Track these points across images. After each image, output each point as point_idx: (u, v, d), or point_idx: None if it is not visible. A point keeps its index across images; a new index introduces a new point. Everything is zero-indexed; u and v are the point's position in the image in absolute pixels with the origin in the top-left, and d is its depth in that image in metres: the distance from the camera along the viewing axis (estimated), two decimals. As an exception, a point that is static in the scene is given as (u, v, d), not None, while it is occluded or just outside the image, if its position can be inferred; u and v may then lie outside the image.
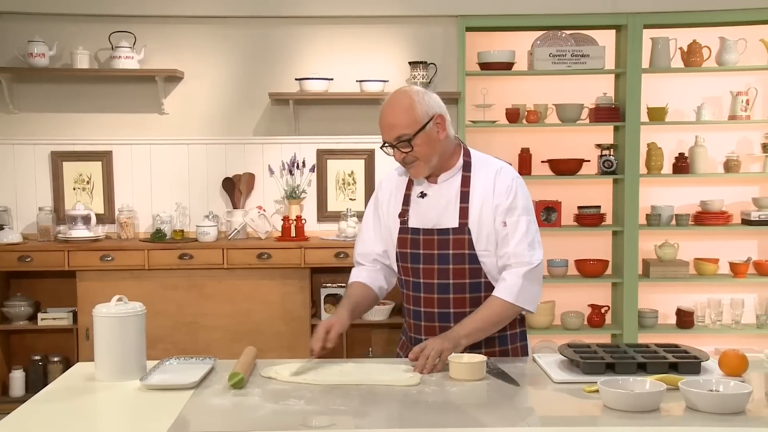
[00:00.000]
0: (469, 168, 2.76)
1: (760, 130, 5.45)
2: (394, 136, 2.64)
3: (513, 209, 2.70)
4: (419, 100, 2.65)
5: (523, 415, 2.15)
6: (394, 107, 2.65)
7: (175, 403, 2.20)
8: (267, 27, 5.26)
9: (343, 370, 2.51)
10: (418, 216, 2.77)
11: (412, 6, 5.22)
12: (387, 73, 5.24)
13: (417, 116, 2.63)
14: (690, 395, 2.10)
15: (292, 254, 4.98)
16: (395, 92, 2.71)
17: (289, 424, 2.05)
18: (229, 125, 5.30)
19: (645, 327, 5.34)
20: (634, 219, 5.27)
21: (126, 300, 2.49)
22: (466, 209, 2.70)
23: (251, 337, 4.95)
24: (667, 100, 5.35)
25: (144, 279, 4.97)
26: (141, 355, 2.46)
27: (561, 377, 2.38)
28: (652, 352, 2.50)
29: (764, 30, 5.33)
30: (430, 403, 2.21)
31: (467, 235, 2.69)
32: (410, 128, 2.62)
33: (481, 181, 2.72)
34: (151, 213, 5.28)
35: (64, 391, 2.36)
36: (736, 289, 5.47)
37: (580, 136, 5.45)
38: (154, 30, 5.24)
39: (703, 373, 2.38)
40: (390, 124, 2.65)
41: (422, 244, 2.74)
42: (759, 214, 5.31)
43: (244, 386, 2.35)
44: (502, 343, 2.79)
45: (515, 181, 2.75)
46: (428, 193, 2.77)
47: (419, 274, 2.75)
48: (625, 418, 2.07)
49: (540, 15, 5.23)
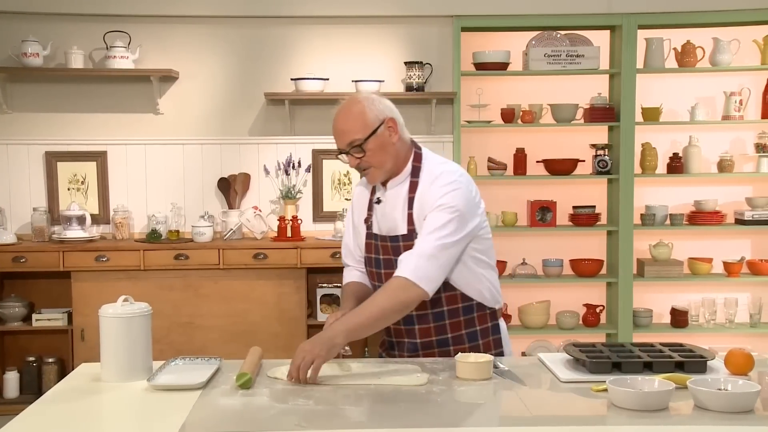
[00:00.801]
0: (418, 173, 2.71)
1: (753, 130, 5.49)
2: (346, 142, 2.63)
3: (437, 207, 2.61)
4: (369, 105, 2.64)
5: (532, 414, 2.15)
6: (345, 113, 2.65)
7: (182, 404, 2.20)
8: (262, 27, 5.25)
9: (349, 371, 2.51)
10: (377, 222, 2.79)
11: (407, 6, 5.22)
12: (383, 73, 5.24)
13: (368, 121, 2.62)
14: (699, 394, 2.11)
15: (288, 254, 4.98)
16: (346, 100, 2.70)
17: (299, 424, 2.05)
18: (224, 125, 5.29)
19: (639, 326, 5.36)
20: (629, 219, 5.29)
21: (132, 300, 2.48)
22: (412, 216, 2.69)
23: (247, 337, 4.95)
24: (661, 100, 5.38)
25: (139, 279, 4.95)
26: (147, 356, 2.46)
27: (568, 376, 2.39)
28: (657, 351, 2.51)
29: (757, 31, 5.36)
30: (439, 403, 2.21)
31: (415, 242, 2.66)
32: (361, 133, 2.61)
33: (425, 185, 2.68)
34: (146, 213, 5.26)
35: (70, 392, 2.35)
36: (730, 288, 5.51)
37: (574, 136, 5.47)
38: (149, 30, 5.22)
39: (709, 372, 2.39)
40: (341, 130, 2.64)
41: (381, 249, 2.76)
42: (752, 214, 5.34)
43: (251, 386, 2.35)
44: (471, 339, 2.78)
45: (451, 185, 2.64)
46: (382, 199, 2.77)
47: (383, 278, 2.75)
48: (634, 417, 2.07)
49: (535, 15, 5.24)
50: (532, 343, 5.40)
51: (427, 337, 2.77)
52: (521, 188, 5.49)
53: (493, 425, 2.08)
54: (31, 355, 5.12)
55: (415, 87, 5.16)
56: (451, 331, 2.76)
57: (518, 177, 5.35)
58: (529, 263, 5.42)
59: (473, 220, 2.67)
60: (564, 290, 5.55)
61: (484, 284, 2.78)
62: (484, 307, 2.80)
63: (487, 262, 2.79)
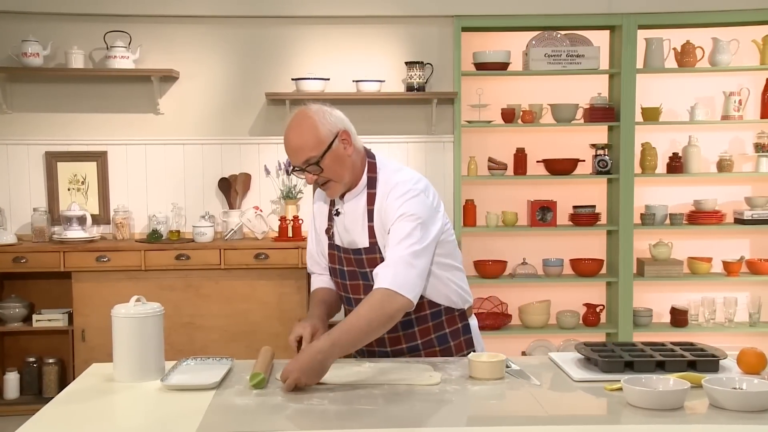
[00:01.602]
0: (374, 184, 2.65)
1: (752, 130, 5.51)
2: (302, 160, 2.55)
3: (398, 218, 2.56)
4: (320, 119, 2.56)
5: (549, 413, 2.16)
6: (297, 130, 2.56)
7: (197, 404, 2.20)
8: (263, 27, 5.25)
9: (360, 370, 2.51)
10: (338, 233, 2.74)
11: (408, 6, 5.23)
12: (383, 74, 5.25)
13: (321, 136, 2.54)
14: (714, 393, 2.12)
15: (289, 254, 4.98)
16: (295, 115, 2.60)
17: (316, 424, 2.06)
18: (224, 125, 5.29)
19: (639, 326, 5.37)
20: (629, 218, 5.31)
21: (144, 300, 2.48)
22: (373, 228, 2.64)
23: (248, 337, 4.95)
24: (660, 100, 5.39)
25: (140, 280, 4.94)
26: (160, 356, 2.46)
27: (581, 376, 2.39)
28: (669, 350, 2.52)
29: (756, 31, 5.39)
30: (454, 403, 2.22)
31: (378, 254, 2.63)
32: (316, 150, 2.54)
33: (381, 198, 2.63)
34: (147, 213, 5.25)
35: (85, 392, 2.35)
36: (730, 287, 5.53)
37: (575, 136, 5.48)
38: (150, 30, 5.21)
39: (721, 371, 2.40)
40: (296, 148, 2.56)
41: (344, 261, 2.72)
42: (752, 214, 5.37)
43: (265, 386, 2.35)
44: (441, 342, 2.77)
45: (407, 194, 2.58)
46: (341, 211, 2.71)
47: (348, 289, 2.74)
48: (649, 416, 2.08)
49: (535, 15, 5.26)
50: (532, 343, 5.41)
51: (397, 345, 2.75)
52: (521, 188, 5.50)
53: (511, 425, 2.07)
54: (31, 356, 5.11)
55: (415, 87, 5.16)
56: (421, 337, 2.75)
57: (518, 177, 5.36)
58: (529, 263, 5.43)
59: (435, 225, 2.63)
60: (564, 290, 5.56)
61: (451, 288, 2.76)
62: (453, 309, 2.78)
63: (452, 265, 2.75)
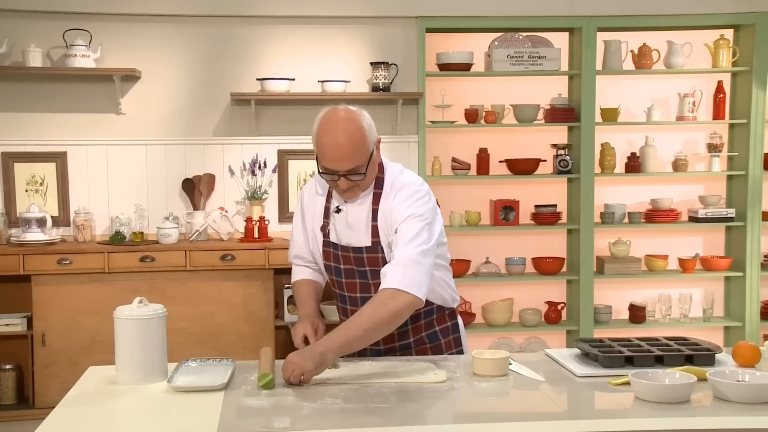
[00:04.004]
0: (381, 184, 2.67)
1: (705, 130, 5.67)
2: (347, 168, 2.53)
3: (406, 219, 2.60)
4: (367, 128, 2.56)
5: (561, 408, 2.20)
6: (348, 138, 2.50)
7: (206, 405, 2.19)
8: (227, 26, 5.20)
9: (365, 369, 2.51)
10: (336, 231, 2.73)
11: (372, 7, 5.24)
12: (348, 74, 5.25)
13: (368, 146, 2.55)
14: (720, 386, 2.19)
15: (255, 255, 4.95)
16: (342, 119, 2.53)
17: (337, 422, 2.07)
18: (188, 125, 5.23)
19: (600, 323, 5.49)
20: (590, 217, 5.42)
21: (146, 302, 2.44)
22: (377, 228, 2.65)
23: (214, 339, 4.91)
24: (619, 101, 5.52)
25: (104, 282, 4.85)
26: (163, 358, 2.44)
27: (584, 371, 2.44)
28: (664, 344, 2.59)
29: (708, 35, 5.55)
30: (465, 400, 2.25)
31: (380, 254, 2.65)
32: (363, 159, 2.54)
33: (388, 199, 2.65)
34: (109, 215, 5.16)
35: (90, 396, 2.31)
36: (685, 284, 5.68)
37: (536, 136, 5.57)
38: (111, 28, 5.12)
39: (717, 365, 2.47)
40: (346, 156, 2.51)
41: (342, 259, 2.71)
42: (705, 212, 5.53)
43: (273, 387, 2.34)
44: (432, 340, 2.81)
45: (415, 195, 2.64)
46: (343, 209, 2.70)
47: (344, 287, 2.75)
48: (657, 410, 2.14)
49: (497, 17, 5.32)
50: (495, 341, 5.48)
51: (390, 343, 2.77)
52: (484, 188, 5.57)
53: (529, 420, 2.10)
54: (-12, 362, 4.98)
55: (381, 87, 5.18)
56: (413, 335, 2.78)
57: (482, 177, 5.42)
58: (492, 262, 5.50)
59: (437, 226, 2.69)
60: (527, 288, 5.65)
61: (443, 287, 2.81)
62: (444, 308, 2.83)
63: (444, 265, 2.81)
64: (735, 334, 5.57)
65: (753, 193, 5.52)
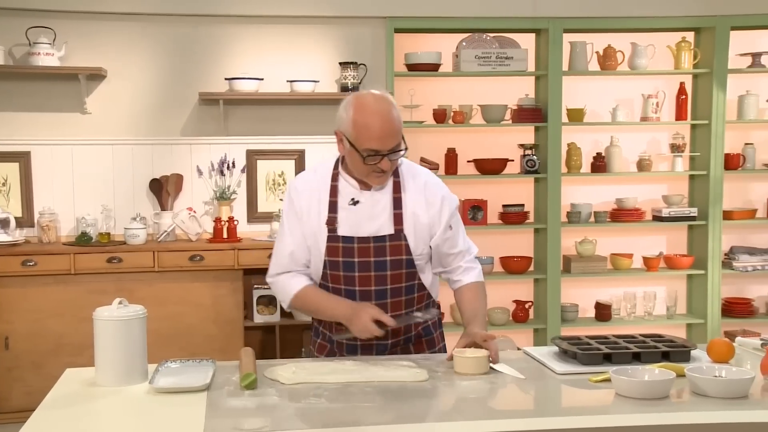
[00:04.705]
0: (398, 173, 2.73)
1: (668, 131, 5.76)
2: (393, 145, 2.59)
3: (452, 213, 2.79)
4: (398, 110, 2.65)
5: (543, 405, 2.23)
6: (390, 117, 2.58)
7: (189, 405, 2.17)
8: (195, 25, 5.16)
9: (346, 369, 2.51)
10: (350, 224, 2.70)
11: (341, 7, 5.24)
12: (317, 74, 5.25)
13: (402, 127, 2.64)
14: (698, 381, 2.23)
15: (225, 256, 4.92)
16: (383, 100, 2.60)
17: (326, 421, 2.06)
18: (155, 125, 5.18)
19: (566, 321, 5.54)
20: (556, 217, 5.47)
21: (126, 302, 2.42)
22: (401, 215, 2.69)
23: (182, 340, 4.87)
24: (584, 101, 5.58)
25: (70, 284, 4.80)
26: (143, 359, 2.41)
27: (563, 369, 2.47)
28: (640, 342, 2.63)
29: (670, 37, 5.63)
30: (450, 398, 2.26)
31: (404, 241, 2.69)
32: (401, 138, 2.63)
33: (411, 189, 2.72)
34: (75, 216, 5.10)
35: (70, 398, 2.28)
36: (649, 282, 5.77)
37: (503, 136, 5.61)
38: (76, 26, 5.05)
39: (692, 361, 2.52)
40: (393, 132, 2.57)
41: (357, 252, 2.69)
42: (669, 211, 5.61)
43: (256, 387, 2.33)
44: (427, 334, 2.86)
45: (442, 187, 2.80)
46: (361, 200, 2.71)
47: (354, 282, 2.70)
48: (638, 406, 2.17)
49: (465, 18, 5.36)
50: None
51: (397, 336, 2.78)
52: (453, 188, 5.37)
53: (512, 417, 2.12)
54: (-50, 366, 4.87)
55: (350, 87, 5.18)
56: (414, 329, 2.82)
57: (450, 176, 5.44)
58: (460, 261, 5.51)
59: None
60: (494, 287, 5.64)
61: (436, 281, 2.87)
62: (434, 302, 2.89)
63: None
64: (697, 331, 5.67)
65: (714, 193, 5.61)
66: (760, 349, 2.71)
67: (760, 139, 5.87)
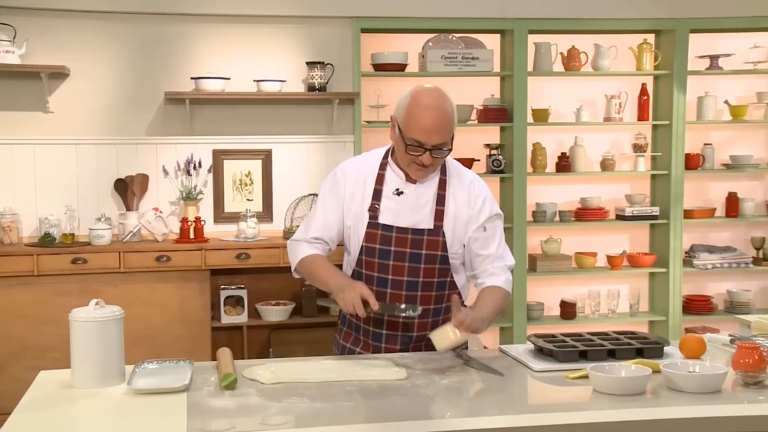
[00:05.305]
0: (445, 172, 2.80)
1: (630, 131, 5.85)
2: (436, 142, 2.61)
3: (492, 217, 2.81)
4: (455, 109, 2.69)
5: (525, 402, 2.25)
6: (443, 113, 2.62)
7: (169, 406, 2.16)
8: (160, 24, 5.11)
9: (324, 369, 2.51)
10: (391, 213, 2.76)
11: (307, 7, 5.23)
12: (284, 73, 5.23)
13: (454, 126, 2.68)
14: (673, 377, 2.27)
15: (192, 256, 4.88)
16: (437, 95, 2.66)
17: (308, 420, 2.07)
18: (120, 125, 5.12)
19: (532, 319, 5.60)
20: (522, 216, 5.52)
21: (103, 303, 2.39)
22: (442, 212, 2.75)
23: (149, 342, 4.82)
24: (549, 102, 5.64)
25: (33, 286, 4.72)
26: (121, 360, 2.39)
27: (540, 366, 2.50)
28: (614, 339, 2.67)
29: (632, 39, 5.72)
30: (431, 396, 2.27)
31: (441, 238, 2.74)
32: (449, 137, 2.65)
33: (455, 187, 2.78)
34: (37, 216, 5.02)
35: (47, 401, 2.24)
36: (612, 280, 5.85)
37: (469, 136, 5.63)
38: (37, 23, 4.97)
39: (665, 357, 2.56)
40: (438, 129, 2.60)
41: (394, 241, 2.74)
42: (632, 210, 5.70)
43: (236, 387, 2.32)
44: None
45: (488, 191, 2.85)
46: (405, 192, 2.76)
47: (388, 270, 2.75)
48: (615, 401, 2.21)
49: (431, 18, 5.38)
50: (430, 339, 5.52)
51: (423, 330, 2.79)
52: None
53: (492, 414, 2.14)
54: None
55: (316, 87, 5.18)
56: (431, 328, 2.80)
57: (416, 176, 5.45)
58: (427, 260, 5.54)
59: None
60: (460, 286, 5.70)
61: (468, 285, 2.92)
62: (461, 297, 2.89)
63: None
64: (659, 328, 5.76)
65: (675, 192, 5.71)
66: (730, 345, 2.77)
67: (719, 139, 5.98)
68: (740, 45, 5.85)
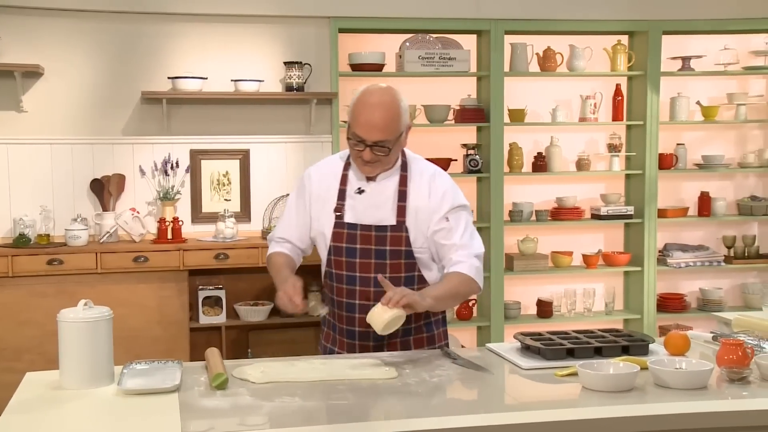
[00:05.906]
0: (406, 168, 2.83)
1: (605, 131, 5.91)
2: (375, 139, 2.66)
3: (454, 208, 2.81)
4: (403, 108, 2.73)
5: (516, 400, 2.27)
6: (383, 111, 2.67)
7: (161, 407, 2.15)
8: (137, 23, 5.07)
9: (315, 368, 2.51)
10: (355, 212, 2.80)
11: (285, 6, 5.22)
12: (262, 73, 5.21)
13: (399, 126, 2.71)
14: (661, 374, 2.30)
15: (170, 257, 4.85)
16: (383, 93, 2.72)
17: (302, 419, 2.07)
18: (96, 124, 5.07)
19: (509, 318, 5.63)
20: (499, 216, 5.56)
21: (91, 304, 2.38)
22: (404, 208, 2.78)
23: (127, 343, 4.70)
24: (525, 102, 5.67)
25: (8, 287, 4.67)
26: (110, 361, 2.39)
27: (529, 364, 2.52)
28: (600, 336, 2.70)
29: (607, 40, 5.77)
30: (422, 394, 2.28)
31: (404, 233, 2.77)
32: (392, 136, 2.68)
33: (416, 182, 2.81)
34: (11, 217, 4.96)
35: (36, 402, 2.23)
36: (588, 279, 5.90)
37: (447, 136, 5.66)
38: (10, 21, 4.91)
39: (651, 355, 2.59)
40: (377, 126, 2.65)
41: (359, 239, 2.78)
42: (607, 210, 5.76)
43: (227, 387, 2.31)
44: (428, 330, 2.90)
45: (450, 184, 2.86)
46: (366, 190, 2.81)
47: (355, 267, 2.79)
48: (604, 398, 2.24)
49: (408, 18, 5.39)
50: (408, 338, 5.54)
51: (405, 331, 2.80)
52: None
53: (485, 412, 2.16)
54: None
55: (294, 87, 5.17)
56: (415, 322, 2.85)
57: (394, 176, 5.46)
58: (405, 260, 5.55)
59: None
60: (438, 285, 5.72)
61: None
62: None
63: None
64: (634, 326, 5.81)
65: (649, 192, 5.77)
66: (712, 342, 2.81)
67: (691, 139, 6.06)
68: (711, 47, 5.94)
